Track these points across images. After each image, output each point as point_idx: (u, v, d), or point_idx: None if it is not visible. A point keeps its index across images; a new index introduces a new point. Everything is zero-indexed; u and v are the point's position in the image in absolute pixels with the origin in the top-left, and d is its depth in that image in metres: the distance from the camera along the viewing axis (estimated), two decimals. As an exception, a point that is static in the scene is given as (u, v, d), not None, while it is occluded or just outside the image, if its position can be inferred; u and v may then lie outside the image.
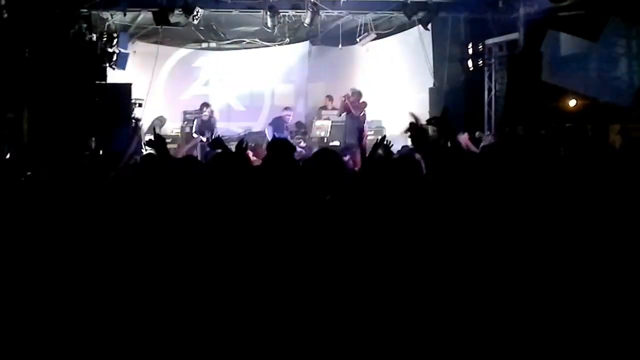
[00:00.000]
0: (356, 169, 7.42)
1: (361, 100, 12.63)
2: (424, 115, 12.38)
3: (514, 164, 4.58)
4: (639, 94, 8.60)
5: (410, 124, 4.35)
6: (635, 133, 8.14)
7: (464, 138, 7.94)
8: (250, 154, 8.69)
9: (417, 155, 4.33)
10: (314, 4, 11.66)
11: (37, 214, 3.70)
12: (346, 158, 11.54)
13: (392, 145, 4.69)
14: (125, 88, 10.60)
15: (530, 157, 4.83)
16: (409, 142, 10.51)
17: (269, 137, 11.45)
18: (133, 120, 10.98)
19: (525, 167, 4.36)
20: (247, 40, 13.84)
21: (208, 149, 10.60)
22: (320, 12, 12.08)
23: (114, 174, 4.85)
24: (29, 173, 6.21)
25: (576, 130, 9.20)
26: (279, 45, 13.86)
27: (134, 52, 12.12)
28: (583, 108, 9.60)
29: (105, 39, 10.58)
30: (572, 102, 9.72)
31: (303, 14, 12.13)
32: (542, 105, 9.80)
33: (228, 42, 13.77)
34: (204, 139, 11.68)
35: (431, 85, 12.76)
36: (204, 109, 12.31)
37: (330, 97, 13.59)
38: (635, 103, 8.64)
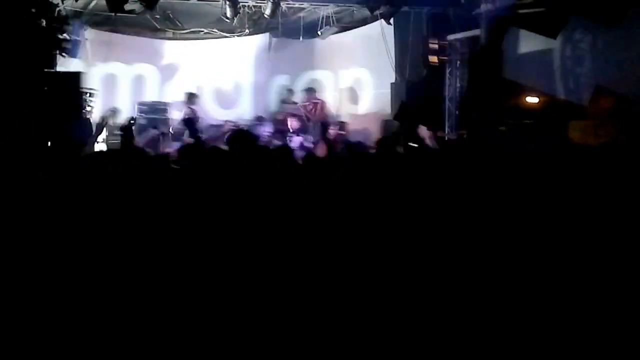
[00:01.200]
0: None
1: (315, 101, 12.63)
2: (385, 110, 12.38)
3: (473, 161, 4.63)
4: (598, 91, 8.59)
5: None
6: (591, 130, 8.16)
7: (426, 133, 7.82)
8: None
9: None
10: (275, -5, 11.53)
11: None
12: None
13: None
14: (76, 77, 10.23)
15: (488, 155, 4.90)
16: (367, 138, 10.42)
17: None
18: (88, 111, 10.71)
19: (484, 164, 4.40)
20: (205, 31, 13.55)
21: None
22: (281, 4, 11.95)
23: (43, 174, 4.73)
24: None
25: (535, 127, 9.23)
26: (238, 36, 13.62)
27: (87, 39, 11.81)
28: (543, 105, 9.63)
29: (56, 25, 10.19)
30: (532, 99, 9.73)
31: (263, 4, 11.99)
32: (502, 101, 9.80)
33: (185, 32, 13.47)
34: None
35: (393, 80, 12.67)
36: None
37: (290, 91, 13.48)
38: (594, 100, 8.64)
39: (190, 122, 10.66)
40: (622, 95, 8.42)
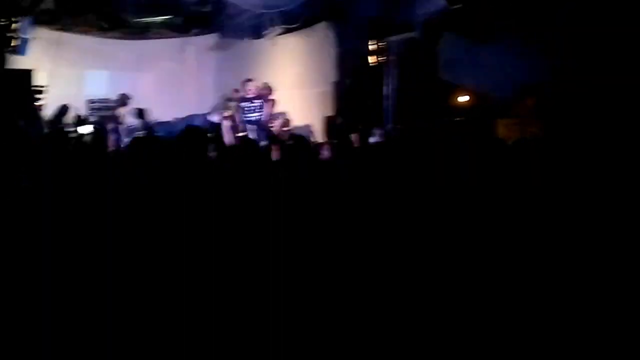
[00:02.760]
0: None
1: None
2: (326, 109, 12.61)
3: (404, 158, 4.80)
4: (523, 90, 9.13)
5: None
6: (516, 127, 8.68)
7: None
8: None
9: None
10: (221, -4, 11.79)
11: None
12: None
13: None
14: (26, 75, 10.33)
15: (420, 151, 5.08)
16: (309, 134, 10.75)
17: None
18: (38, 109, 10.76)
19: (416, 161, 4.65)
20: (155, 30, 13.78)
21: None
22: (227, 5, 12.20)
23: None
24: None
25: (463, 125, 9.69)
26: (185, 36, 13.88)
27: (35, 38, 11.88)
28: (473, 103, 10.12)
29: (4, 23, 10.29)
30: (463, 98, 10.22)
31: (210, 5, 12.20)
32: (435, 101, 10.25)
33: (135, 30, 13.66)
34: None
35: (334, 79, 13.09)
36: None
37: (237, 90, 13.72)
38: (519, 99, 9.19)
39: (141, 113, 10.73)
40: (545, 94, 9.00)
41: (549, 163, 4.18)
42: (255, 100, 11.71)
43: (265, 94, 12.80)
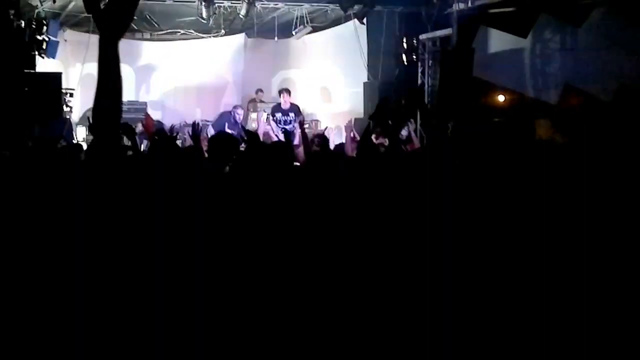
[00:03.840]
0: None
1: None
2: (358, 109, 12.44)
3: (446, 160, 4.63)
4: (566, 90, 8.87)
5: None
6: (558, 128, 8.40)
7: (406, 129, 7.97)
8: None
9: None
10: (250, -5, 11.64)
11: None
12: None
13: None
14: (55, 77, 10.32)
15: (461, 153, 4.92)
16: (342, 136, 10.55)
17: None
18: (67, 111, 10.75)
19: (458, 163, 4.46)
20: (182, 32, 13.67)
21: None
22: (256, 4, 12.06)
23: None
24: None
25: (503, 125, 9.43)
26: (214, 37, 13.75)
27: (65, 40, 11.85)
28: (512, 103, 9.85)
29: (34, 26, 10.28)
30: (501, 98, 9.95)
31: (239, 5, 12.07)
32: (472, 100, 9.99)
33: (162, 32, 13.57)
34: None
35: (365, 79, 12.85)
36: None
37: (260, 90, 13.54)
38: (562, 98, 8.92)
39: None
40: (590, 94, 8.70)
41: (591, 165, 3.94)
42: (290, 113, 11.53)
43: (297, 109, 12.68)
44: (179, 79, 13.78)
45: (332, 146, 7.84)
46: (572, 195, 3.65)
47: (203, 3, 11.55)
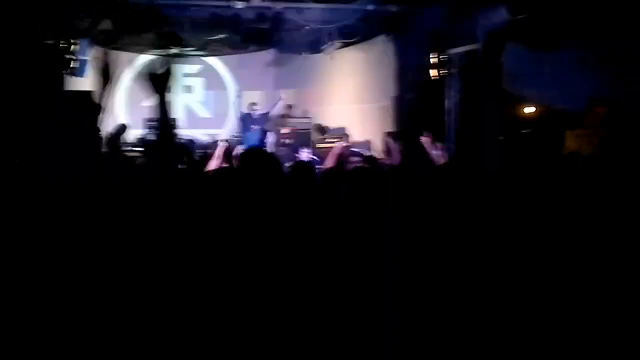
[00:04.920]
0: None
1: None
2: (388, 123, 12.44)
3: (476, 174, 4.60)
4: (592, 101, 8.74)
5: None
6: (585, 138, 8.29)
7: (426, 140, 7.95)
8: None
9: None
10: (279, 12, 11.72)
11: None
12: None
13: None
14: (85, 95, 10.41)
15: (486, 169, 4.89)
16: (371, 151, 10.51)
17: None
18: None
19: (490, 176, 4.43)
20: (212, 47, 13.82)
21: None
22: (285, 20, 12.16)
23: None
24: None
25: (532, 137, 9.34)
26: (243, 52, 13.87)
27: (94, 58, 12.00)
28: (539, 115, 9.75)
29: (64, 46, 10.45)
30: (529, 110, 9.86)
31: (268, 21, 12.18)
32: (500, 113, 9.89)
33: (190, 49, 13.74)
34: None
35: (394, 94, 12.85)
36: None
37: (290, 106, 13.64)
38: (589, 109, 8.79)
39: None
40: (616, 104, 8.58)
41: (621, 176, 3.95)
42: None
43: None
44: (208, 94, 13.93)
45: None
46: (602, 207, 3.61)
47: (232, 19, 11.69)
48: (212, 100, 14.40)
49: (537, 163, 4.65)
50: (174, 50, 13.63)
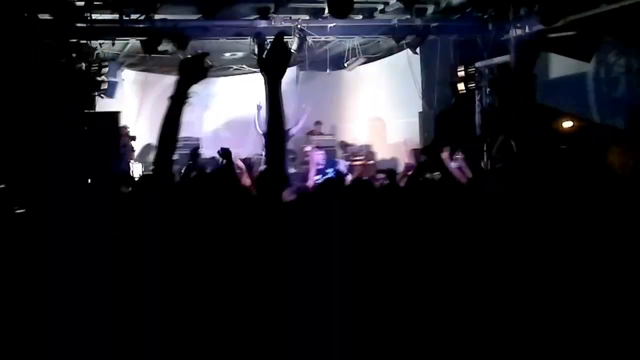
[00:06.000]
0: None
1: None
2: (414, 139, 12.29)
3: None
4: (635, 114, 8.58)
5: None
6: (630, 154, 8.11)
7: (445, 156, 7.80)
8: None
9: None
10: (301, 30, 11.62)
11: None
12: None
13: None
14: (114, 116, 10.45)
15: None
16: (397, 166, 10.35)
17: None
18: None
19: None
20: (234, 67, 13.76)
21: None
22: (308, 38, 12.07)
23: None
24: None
25: (571, 152, 9.16)
26: (266, 70, 13.80)
27: (123, 80, 12.04)
28: (578, 129, 9.55)
29: (94, 68, 10.56)
30: (568, 124, 9.66)
31: (290, 40, 12.10)
32: (536, 127, 9.73)
33: (215, 69, 13.67)
34: None
35: (420, 109, 12.71)
36: None
37: (318, 122, 13.55)
38: (632, 123, 8.63)
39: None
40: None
41: None
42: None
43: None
44: (231, 114, 13.86)
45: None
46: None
47: (255, 39, 11.61)
48: (232, 119, 14.32)
49: (581, 178, 4.55)
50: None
